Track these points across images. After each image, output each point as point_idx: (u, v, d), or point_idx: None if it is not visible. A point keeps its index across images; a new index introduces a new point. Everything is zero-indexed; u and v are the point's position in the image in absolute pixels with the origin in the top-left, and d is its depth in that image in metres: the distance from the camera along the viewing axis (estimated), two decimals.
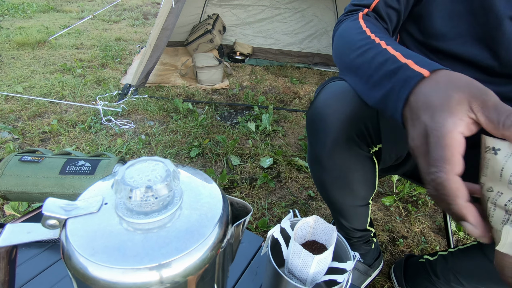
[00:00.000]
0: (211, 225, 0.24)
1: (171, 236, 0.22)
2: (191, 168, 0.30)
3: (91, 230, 0.22)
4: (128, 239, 0.22)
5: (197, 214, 0.24)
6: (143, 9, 4.44)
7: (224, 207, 0.26)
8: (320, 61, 2.69)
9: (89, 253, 0.21)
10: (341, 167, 0.62)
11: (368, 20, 0.54)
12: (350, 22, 0.55)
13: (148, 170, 0.23)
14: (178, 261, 0.21)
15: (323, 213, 1.13)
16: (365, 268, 0.84)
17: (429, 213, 1.17)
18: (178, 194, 0.25)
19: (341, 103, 0.56)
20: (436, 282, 0.71)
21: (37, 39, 2.66)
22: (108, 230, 0.22)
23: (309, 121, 0.63)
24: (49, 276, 0.55)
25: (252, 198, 1.17)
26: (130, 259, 0.20)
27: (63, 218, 0.23)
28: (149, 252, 0.21)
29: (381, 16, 0.57)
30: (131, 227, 0.22)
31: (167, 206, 0.23)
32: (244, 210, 0.29)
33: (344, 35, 0.54)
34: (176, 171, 0.23)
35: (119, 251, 0.21)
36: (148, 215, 0.23)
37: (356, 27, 0.52)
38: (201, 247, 0.22)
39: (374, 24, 0.52)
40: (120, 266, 0.20)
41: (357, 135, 0.57)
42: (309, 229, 0.52)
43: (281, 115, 1.79)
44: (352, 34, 0.52)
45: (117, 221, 0.23)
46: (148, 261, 0.20)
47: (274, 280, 0.47)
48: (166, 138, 1.50)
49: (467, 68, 0.54)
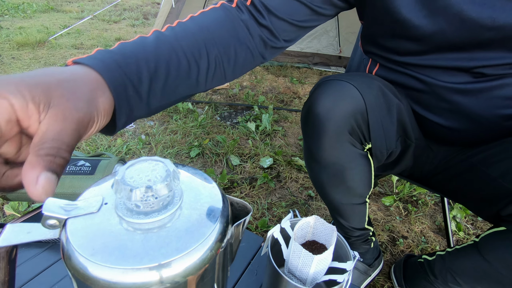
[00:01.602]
0: (211, 225, 0.24)
1: (171, 236, 0.22)
2: (191, 168, 0.30)
3: (91, 230, 0.22)
4: (128, 239, 0.22)
5: (197, 214, 0.24)
6: (143, 9, 4.44)
7: (224, 207, 0.26)
8: (320, 61, 2.69)
9: (89, 253, 0.21)
10: (336, 165, 0.62)
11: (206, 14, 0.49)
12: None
13: (148, 170, 0.23)
14: (178, 261, 0.21)
15: (323, 213, 1.13)
16: (365, 267, 0.84)
17: (429, 213, 1.17)
18: (178, 194, 0.25)
19: (332, 101, 0.57)
20: (434, 282, 0.71)
21: (37, 39, 2.66)
22: (108, 230, 0.22)
23: (303, 120, 0.64)
24: (49, 276, 0.55)
25: (252, 198, 1.17)
26: (130, 259, 0.20)
27: (63, 218, 0.23)
28: (149, 252, 0.21)
29: (256, 7, 0.50)
30: (131, 227, 0.22)
31: (167, 206, 0.23)
32: (244, 210, 0.29)
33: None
34: (176, 171, 0.23)
35: (119, 251, 0.21)
36: (148, 215, 0.23)
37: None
38: (201, 247, 0.22)
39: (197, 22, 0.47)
40: (120, 266, 0.20)
41: (349, 132, 0.58)
42: (309, 229, 0.52)
43: (281, 115, 1.79)
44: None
45: (117, 221, 0.23)
46: (148, 261, 0.20)
47: (274, 280, 0.47)
48: (166, 138, 1.50)
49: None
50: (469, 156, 0.62)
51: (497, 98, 0.55)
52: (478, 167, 0.58)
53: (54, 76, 0.28)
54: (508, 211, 0.52)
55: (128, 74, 0.36)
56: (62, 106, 0.26)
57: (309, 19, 0.54)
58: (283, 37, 0.54)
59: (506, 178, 0.53)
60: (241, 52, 0.50)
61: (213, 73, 0.48)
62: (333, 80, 0.59)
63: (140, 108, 0.39)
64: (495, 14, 0.47)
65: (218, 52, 0.47)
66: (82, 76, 0.31)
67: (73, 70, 0.31)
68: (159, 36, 0.42)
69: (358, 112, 0.57)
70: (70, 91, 0.28)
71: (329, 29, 2.61)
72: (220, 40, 0.47)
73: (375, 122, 0.58)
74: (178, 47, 0.43)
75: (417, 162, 0.71)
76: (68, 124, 0.26)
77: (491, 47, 0.51)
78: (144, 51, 0.39)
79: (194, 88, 0.46)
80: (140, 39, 0.41)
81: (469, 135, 0.61)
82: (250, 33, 0.51)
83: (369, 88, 0.57)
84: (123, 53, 0.37)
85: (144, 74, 0.38)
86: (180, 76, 0.43)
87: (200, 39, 0.45)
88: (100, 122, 0.31)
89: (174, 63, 0.42)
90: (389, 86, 0.62)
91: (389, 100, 0.59)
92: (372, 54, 0.67)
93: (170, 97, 0.43)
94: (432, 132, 0.66)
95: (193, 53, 0.44)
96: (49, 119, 0.25)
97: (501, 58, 0.51)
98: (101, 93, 0.31)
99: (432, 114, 0.63)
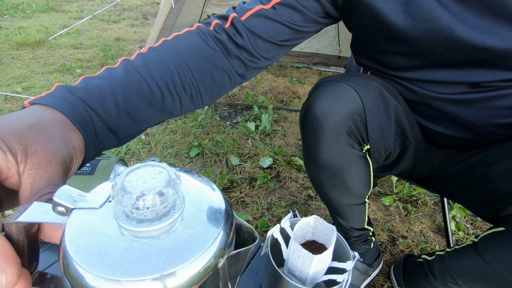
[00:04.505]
0: (214, 232, 0.23)
1: (170, 245, 0.21)
2: (194, 173, 0.28)
3: (84, 226, 0.22)
4: (113, 242, 0.21)
5: (199, 223, 0.23)
6: (143, 9, 4.43)
7: (227, 215, 0.25)
8: (319, 61, 2.69)
9: (73, 250, 0.20)
10: (334, 166, 0.62)
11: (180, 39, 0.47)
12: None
13: (149, 177, 0.22)
14: (179, 272, 0.20)
15: (323, 213, 1.13)
16: (365, 267, 0.84)
17: (429, 213, 1.17)
18: (179, 202, 0.24)
19: (330, 102, 0.57)
20: (433, 282, 0.71)
21: (36, 39, 2.66)
22: (98, 230, 0.22)
23: (301, 121, 0.64)
24: None
25: (252, 198, 1.17)
26: (106, 267, 0.19)
27: (69, 207, 0.23)
28: (148, 261, 0.20)
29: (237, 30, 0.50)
30: (129, 234, 0.22)
31: (166, 215, 0.22)
32: (251, 237, 0.27)
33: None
34: (178, 179, 0.23)
35: (99, 255, 0.20)
36: (143, 222, 0.22)
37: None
38: (203, 257, 0.21)
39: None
40: (94, 272, 0.19)
41: (347, 134, 0.58)
42: (309, 229, 0.52)
43: (280, 115, 1.79)
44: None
45: (111, 222, 0.22)
46: (124, 274, 0.19)
47: (274, 280, 0.47)
48: (165, 138, 1.50)
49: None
50: (469, 157, 0.62)
51: (493, 108, 0.55)
52: (477, 167, 0.59)
53: (22, 122, 0.27)
54: (507, 211, 0.52)
55: (94, 109, 0.35)
56: (42, 152, 0.26)
57: (291, 38, 0.55)
58: (264, 56, 0.53)
59: (506, 178, 0.53)
60: (218, 77, 0.49)
61: (189, 100, 0.47)
62: (331, 81, 0.59)
63: (110, 139, 0.39)
64: (484, 37, 0.47)
65: (193, 78, 0.46)
66: (50, 118, 0.30)
67: (38, 114, 0.30)
68: (127, 66, 0.41)
69: (356, 113, 0.57)
70: (44, 135, 0.27)
71: (329, 29, 2.61)
72: (195, 66, 0.46)
73: (373, 123, 0.59)
74: (148, 76, 0.42)
75: (417, 164, 0.71)
76: (54, 167, 0.26)
77: (483, 65, 0.51)
78: (111, 84, 0.38)
79: (168, 115, 0.46)
80: (107, 71, 0.40)
81: (469, 142, 0.61)
82: (228, 55, 0.50)
83: (367, 89, 0.58)
84: (86, 88, 0.36)
85: (110, 107, 0.37)
86: (153, 105, 0.42)
87: (172, 66, 0.44)
88: (78, 161, 0.30)
89: (144, 93, 0.41)
90: (388, 86, 0.62)
91: (387, 101, 0.59)
92: (365, 66, 0.67)
93: (141, 125, 0.43)
94: (432, 138, 0.66)
95: (166, 82, 0.43)
96: (32, 169, 0.25)
97: (494, 75, 0.52)
98: (72, 133, 0.31)
99: (429, 122, 0.63)
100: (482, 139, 0.59)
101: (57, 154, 0.27)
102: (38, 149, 0.26)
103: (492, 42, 0.47)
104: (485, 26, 0.47)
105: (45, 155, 0.26)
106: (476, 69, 0.52)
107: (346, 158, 0.61)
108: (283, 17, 0.51)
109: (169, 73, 0.44)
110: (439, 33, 0.50)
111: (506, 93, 0.53)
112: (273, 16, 0.51)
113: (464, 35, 0.48)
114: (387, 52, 0.58)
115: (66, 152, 0.28)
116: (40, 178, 0.25)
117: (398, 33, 0.52)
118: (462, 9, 0.47)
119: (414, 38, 0.52)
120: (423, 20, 0.49)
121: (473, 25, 0.47)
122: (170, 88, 0.44)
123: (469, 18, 0.47)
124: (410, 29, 0.51)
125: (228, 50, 0.49)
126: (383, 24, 0.52)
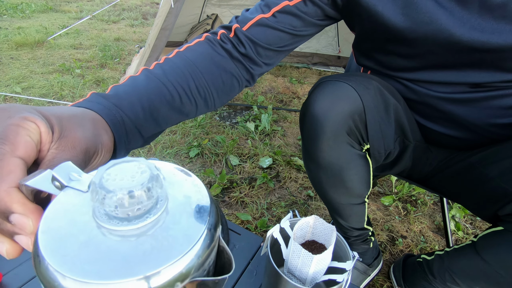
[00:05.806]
0: (198, 231, 0.22)
1: (152, 244, 0.20)
2: (178, 168, 0.27)
3: (62, 209, 0.22)
4: (106, 247, 0.20)
5: (182, 220, 0.22)
6: (142, 9, 4.43)
7: (212, 211, 0.24)
8: (319, 61, 2.69)
9: (42, 229, 0.20)
10: (334, 166, 0.62)
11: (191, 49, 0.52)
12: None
13: (130, 173, 0.21)
14: (162, 272, 0.19)
15: (323, 213, 1.13)
16: (364, 267, 0.84)
17: (428, 213, 1.17)
18: (160, 200, 0.23)
19: (330, 102, 0.58)
20: (433, 282, 0.71)
21: (35, 39, 2.66)
22: (72, 218, 0.21)
23: (301, 121, 0.64)
24: None
25: (252, 198, 1.17)
26: (109, 271, 0.18)
27: (64, 184, 0.23)
28: (128, 262, 0.19)
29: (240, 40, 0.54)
30: (108, 233, 0.21)
31: (147, 213, 0.21)
32: (226, 264, 0.25)
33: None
34: (159, 175, 0.22)
35: (62, 241, 0.20)
36: (123, 221, 0.21)
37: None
38: (187, 256, 0.20)
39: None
40: (57, 268, 0.18)
41: (347, 133, 0.58)
42: (309, 229, 0.53)
43: (280, 115, 1.79)
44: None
45: (87, 210, 0.22)
46: (127, 274, 0.18)
47: (273, 280, 0.47)
48: (165, 138, 1.50)
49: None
50: (468, 156, 0.62)
51: (493, 108, 0.55)
52: (476, 167, 0.59)
53: (64, 110, 0.31)
54: (506, 211, 0.52)
55: (126, 112, 0.40)
56: (71, 137, 0.29)
57: (291, 42, 0.58)
58: (265, 62, 0.57)
59: (504, 178, 0.53)
60: (227, 80, 0.54)
61: (203, 102, 0.52)
62: (330, 81, 0.60)
63: (137, 139, 0.43)
64: (485, 37, 0.48)
65: (206, 82, 0.51)
66: (88, 114, 0.34)
67: (79, 111, 0.34)
68: (148, 74, 0.46)
69: (356, 112, 0.57)
70: (78, 125, 0.31)
71: (328, 29, 2.61)
72: (207, 72, 0.51)
73: (373, 123, 0.59)
74: (167, 82, 0.46)
75: (416, 163, 0.71)
76: (76, 153, 0.29)
77: (483, 66, 0.52)
78: (136, 90, 0.43)
79: (185, 116, 0.51)
80: (131, 80, 0.45)
81: (468, 142, 0.61)
82: (234, 62, 0.55)
83: (367, 89, 0.58)
84: (117, 95, 0.41)
85: (138, 110, 0.42)
86: (172, 108, 0.47)
87: (187, 72, 0.49)
88: (103, 156, 0.33)
89: (165, 97, 0.46)
90: (387, 86, 0.62)
91: (387, 100, 0.59)
92: (365, 66, 0.68)
93: (162, 126, 0.47)
94: (431, 137, 0.66)
95: (182, 86, 0.48)
96: (57, 149, 0.28)
97: (493, 76, 0.52)
98: (103, 132, 0.34)
99: (429, 121, 0.63)
100: (481, 139, 0.59)
101: (83, 142, 0.30)
102: (69, 135, 0.29)
103: (494, 41, 0.47)
104: (487, 27, 0.47)
105: (72, 141, 0.29)
106: (476, 70, 0.52)
107: (346, 157, 0.61)
108: (283, 24, 0.54)
109: (185, 78, 0.48)
110: (438, 36, 0.50)
111: (506, 93, 0.53)
112: (273, 24, 0.54)
113: (464, 37, 0.48)
114: (389, 53, 0.58)
115: (92, 144, 0.31)
116: (60, 158, 0.27)
117: (398, 35, 0.53)
118: (463, 11, 0.48)
119: (413, 40, 0.52)
120: (422, 23, 0.50)
121: (474, 26, 0.48)
122: (186, 92, 0.49)
123: (470, 19, 0.47)
124: (409, 32, 0.51)
125: (233, 57, 0.54)
126: (383, 26, 0.53)
